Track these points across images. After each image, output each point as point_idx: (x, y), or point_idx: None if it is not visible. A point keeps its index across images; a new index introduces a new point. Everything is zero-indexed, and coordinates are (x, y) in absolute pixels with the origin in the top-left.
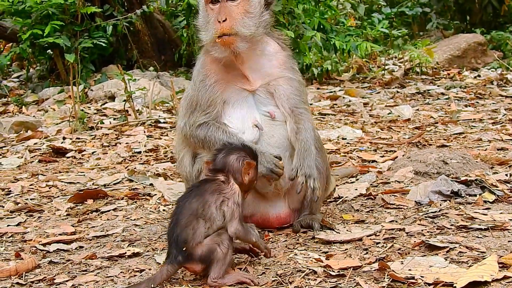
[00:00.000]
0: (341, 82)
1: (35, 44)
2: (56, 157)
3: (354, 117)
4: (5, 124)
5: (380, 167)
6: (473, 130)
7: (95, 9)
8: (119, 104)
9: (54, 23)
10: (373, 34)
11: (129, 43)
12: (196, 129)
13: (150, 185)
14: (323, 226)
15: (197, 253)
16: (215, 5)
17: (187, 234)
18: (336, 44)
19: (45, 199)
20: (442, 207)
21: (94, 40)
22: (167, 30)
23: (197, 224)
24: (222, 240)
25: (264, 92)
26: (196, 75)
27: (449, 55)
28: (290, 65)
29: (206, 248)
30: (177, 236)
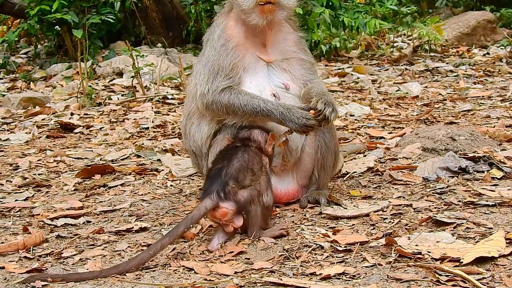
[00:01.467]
0: (349, 59)
1: (43, 20)
2: (64, 133)
3: (362, 94)
4: (13, 100)
5: (388, 143)
6: (482, 107)
7: None
8: (127, 80)
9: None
10: (382, 11)
11: (137, 19)
12: (219, 94)
13: (157, 160)
14: (330, 201)
15: (239, 196)
16: None
17: (238, 177)
18: (344, 21)
19: (53, 174)
20: (449, 183)
21: (102, 16)
22: (175, 7)
23: (247, 173)
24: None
25: (278, 66)
26: (216, 40)
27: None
28: (303, 47)
29: (246, 195)
30: (229, 174)
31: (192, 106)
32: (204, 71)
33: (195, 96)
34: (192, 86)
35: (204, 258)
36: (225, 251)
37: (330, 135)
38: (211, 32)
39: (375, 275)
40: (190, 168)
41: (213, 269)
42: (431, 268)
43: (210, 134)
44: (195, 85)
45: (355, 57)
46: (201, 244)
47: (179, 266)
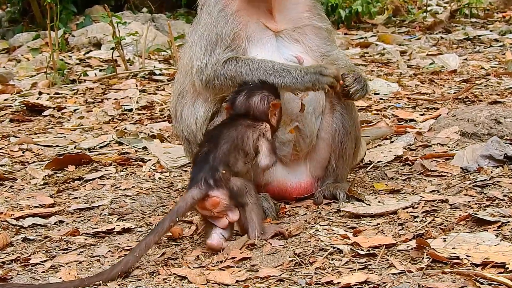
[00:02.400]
0: (373, 27)
1: None
2: (31, 116)
3: (389, 68)
4: None
5: (420, 127)
6: None
7: None
8: (106, 53)
9: None
10: None
11: None
12: (222, 67)
13: (143, 148)
14: (350, 196)
15: (231, 183)
16: None
17: (228, 161)
18: None
19: (18, 166)
20: (493, 174)
21: None
22: None
23: (239, 154)
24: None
25: (288, 36)
26: (213, 4)
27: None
28: (318, 12)
29: (239, 185)
30: (217, 158)
31: (186, 84)
32: (201, 42)
33: (190, 72)
34: (186, 60)
35: (200, 264)
36: (224, 255)
37: (350, 117)
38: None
39: (404, 284)
40: (182, 158)
41: (210, 277)
42: (471, 275)
43: (207, 117)
44: (190, 58)
45: (381, 23)
46: (195, 248)
47: (170, 274)
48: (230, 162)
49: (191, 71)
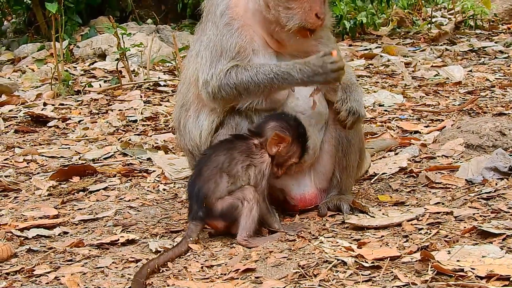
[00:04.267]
0: (378, 38)
1: None
2: (36, 127)
3: (394, 80)
4: None
5: (424, 139)
6: None
7: None
8: (111, 64)
9: None
10: None
11: None
12: (225, 76)
13: (147, 159)
14: (354, 208)
15: (217, 208)
16: None
17: (208, 188)
18: None
19: (22, 176)
20: (498, 186)
21: None
22: None
23: (220, 178)
24: (246, 196)
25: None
26: (219, 16)
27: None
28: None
29: (228, 204)
30: (198, 189)
31: (189, 95)
32: (206, 53)
33: (194, 83)
34: (191, 71)
35: (204, 276)
36: (228, 267)
37: (354, 129)
38: (213, 4)
39: None
40: (186, 169)
41: None
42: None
43: (211, 130)
44: (195, 70)
45: (385, 35)
46: (199, 260)
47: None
48: (210, 189)
49: (195, 82)
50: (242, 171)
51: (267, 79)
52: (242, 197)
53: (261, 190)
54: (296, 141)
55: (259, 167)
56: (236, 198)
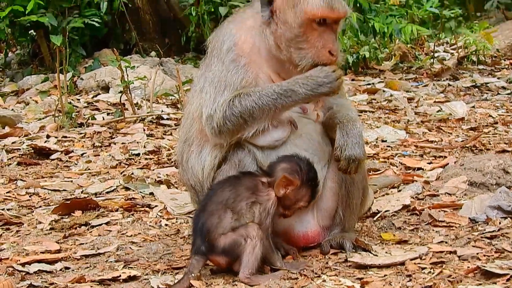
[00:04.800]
0: (381, 73)
1: (15, 23)
2: (39, 159)
3: (397, 115)
4: None
5: (427, 176)
6: None
7: None
8: (114, 96)
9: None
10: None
11: (127, 22)
12: (228, 106)
13: (150, 194)
14: (357, 246)
15: (219, 244)
16: (320, 26)
17: (211, 224)
18: (375, 27)
19: (24, 210)
20: (502, 225)
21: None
22: (173, 8)
23: (224, 214)
24: (249, 233)
25: None
26: (225, 53)
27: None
28: None
29: (230, 240)
30: (202, 224)
31: (192, 130)
32: (210, 89)
33: (197, 119)
34: (195, 106)
35: None
36: None
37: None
38: (218, 41)
39: None
40: (189, 204)
41: None
42: None
43: (214, 165)
44: (199, 105)
45: (388, 70)
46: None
47: None
48: (213, 224)
49: (199, 118)
50: (247, 208)
51: (271, 101)
52: (246, 234)
53: (265, 228)
54: (306, 185)
55: (264, 205)
56: (240, 235)
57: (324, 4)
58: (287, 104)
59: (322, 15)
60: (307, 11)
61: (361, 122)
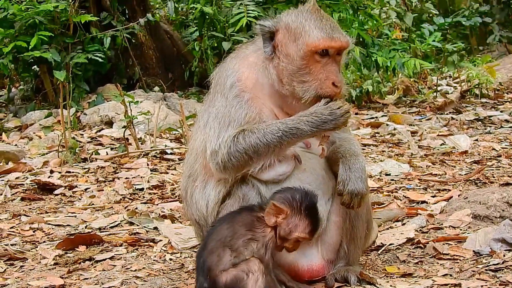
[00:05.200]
0: (384, 106)
1: (19, 58)
2: (42, 195)
3: (400, 149)
4: None
5: (431, 209)
6: None
7: (90, 17)
8: (118, 131)
9: (42, 34)
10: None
11: (130, 58)
12: (232, 142)
13: (154, 229)
14: (362, 280)
15: (221, 280)
16: (322, 57)
17: (212, 261)
18: (378, 61)
19: (28, 245)
20: (506, 258)
21: (89, 55)
22: (176, 43)
23: (223, 252)
24: (250, 268)
25: None
26: (228, 88)
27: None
28: None
29: (232, 276)
30: (203, 262)
31: (196, 166)
32: (214, 124)
33: (201, 154)
34: (199, 142)
35: None
36: None
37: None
38: (222, 76)
39: None
40: (193, 238)
41: None
42: None
43: (218, 200)
44: (203, 140)
45: (391, 103)
46: None
47: None
48: (213, 262)
49: (203, 153)
50: (244, 245)
51: (276, 138)
52: (247, 269)
53: (266, 263)
54: (299, 214)
55: (262, 241)
56: (241, 270)
57: (325, 35)
58: (291, 141)
59: (324, 46)
60: (308, 43)
61: (363, 156)
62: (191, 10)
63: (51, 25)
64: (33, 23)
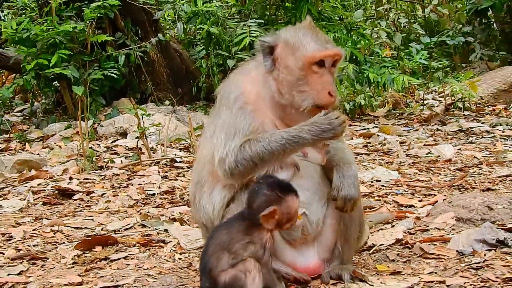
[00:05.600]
0: (375, 118)
1: (40, 75)
2: (62, 199)
3: (390, 157)
4: (7, 163)
5: (418, 212)
6: None
7: (106, 37)
8: (132, 141)
9: (61, 53)
10: (410, 65)
11: (143, 74)
12: (239, 151)
13: (164, 231)
14: (355, 277)
15: (221, 280)
16: (320, 68)
17: (212, 263)
18: (370, 77)
19: (49, 246)
20: (486, 257)
21: (105, 71)
22: (185, 61)
23: (222, 254)
24: (247, 267)
25: None
26: (233, 101)
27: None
28: None
29: (231, 276)
30: (205, 263)
31: (204, 173)
32: (221, 134)
33: (208, 162)
34: (206, 151)
35: None
36: None
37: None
38: (226, 91)
39: None
40: (201, 240)
41: None
42: None
43: (223, 204)
44: (210, 149)
45: (382, 116)
46: None
47: None
48: (213, 264)
49: (210, 161)
50: (242, 248)
51: (280, 146)
52: (244, 269)
53: (265, 262)
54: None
55: (259, 244)
56: (239, 270)
57: (321, 47)
58: (294, 149)
59: (320, 56)
60: (307, 55)
61: (356, 164)
62: (199, 31)
63: (70, 44)
64: (54, 42)
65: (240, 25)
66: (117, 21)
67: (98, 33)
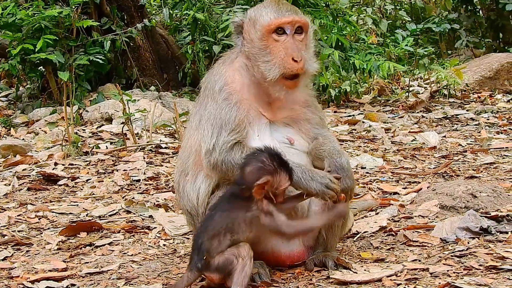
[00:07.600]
0: (360, 105)
1: (26, 60)
2: (47, 185)
3: (375, 144)
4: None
5: (403, 200)
6: (506, 160)
7: (91, 22)
8: (117, 127)
9: (47, 38)
10: (396, 52)
11: (128, 60)
12: (228, 152)
13: (149, 217)
14: (339, 264)
15: (214, 262)
16: (280, 36)
17: (211, 245)
18: (355, 63)
19: (34, 231)
20: (470, 245)
21: (90, 57)
22: (170, 46)
23: (224, 237)
24: (240, 252)
25: (282, 123)
26: (218, 92)
27: (480, 76)
28: (312, 103)
29: (224, 259)
30: (202, 243)
31: (189, 163)
32: (207, 126)
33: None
34: (192, 141)
35: None
36: None
37: None
38: (211, 81)
39: None
40: (185, 226)
41: None
42: None
43: (208, 192)
44: (196, 140)
45: (367, 102)
46: None
47: None
48: (212, 246)
49: (195, 151)
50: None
51: None
52: (237, 254)
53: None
54: (276, 173)
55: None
56: (232, 254)
57: (277, 15)
58: None
59: (276, 24)
60: (263, 24)
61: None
62: (185, 16)
63: (56, 29)
64: (39, 27)
65: (226, 11)
66: (102, 6)
67: (84, 18)
